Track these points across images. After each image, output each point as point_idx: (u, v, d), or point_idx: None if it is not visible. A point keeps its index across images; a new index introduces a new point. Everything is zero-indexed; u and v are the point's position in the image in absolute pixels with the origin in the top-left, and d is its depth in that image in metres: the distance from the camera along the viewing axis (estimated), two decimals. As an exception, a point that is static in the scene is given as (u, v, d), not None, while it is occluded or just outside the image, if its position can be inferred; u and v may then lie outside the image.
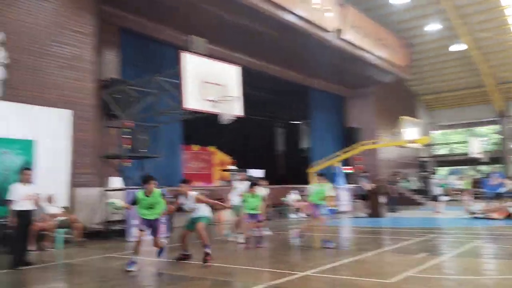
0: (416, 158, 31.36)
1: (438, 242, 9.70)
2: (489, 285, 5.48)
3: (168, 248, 10.06)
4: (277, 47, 18.04)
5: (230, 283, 5.79)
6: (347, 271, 6.66)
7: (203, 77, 11.54)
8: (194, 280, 6.08)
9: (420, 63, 27.60)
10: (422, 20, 24.11)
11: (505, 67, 27.87)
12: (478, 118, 33.57)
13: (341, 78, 23.96)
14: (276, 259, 7.77)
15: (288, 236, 11.89)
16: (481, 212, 15.02)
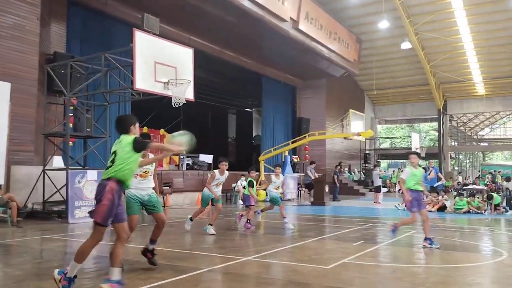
0: (360, 150, 32.50)
1: (375, 231, 10.18)
2: (419, 272, 5.84)
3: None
4: (233, 33, 17.95)
5: (173, 267, 5.81)
6: (288, 256, 6.87)
7: (155, 58, 11.31)
8: (136, 264, 6.04)
9: (368, 59, 28.44)
10: (373, 17, 24.80)
11: (446, 68, 29.34)
12: (420, 115, 35.22)
13: (294, 68, 24.26)
14: (221, 244, 7.87)
15: (235, 222, 12.04)
16: (416, 204, 15.87)
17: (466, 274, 5.72)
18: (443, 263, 6.54)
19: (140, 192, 5.81)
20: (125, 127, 4.65)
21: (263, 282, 5.11)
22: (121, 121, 4.79)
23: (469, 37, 26.19)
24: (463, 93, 32.28)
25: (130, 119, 4.76)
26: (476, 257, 7.01)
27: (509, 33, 24.06)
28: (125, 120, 4.76)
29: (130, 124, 4.66)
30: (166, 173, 16.97)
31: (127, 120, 4.72)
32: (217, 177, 9.04)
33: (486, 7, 23.68)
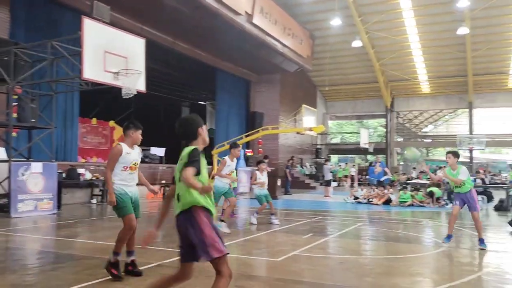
0: (312, 145, 33.12)
1: (324, 223, 10.43)
2: (366, 263, 6.05)
3: (58, 225, 9.59)
4: (187, 25, 17.69)
5: (121, 262, 5.69)
6: (239, 250, 6.91)
7: (105, 47, 10.97)
8: (82, 259, 5.88)
9: (321, 55, 28.94)
10: (326, 14, 25.23)
11: (394, 66, 30.39)
12: (369, 111, 36.32)
13: (248, 62, 24.28)
14: (173, 239, 7.79)
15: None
16: (363, 197, 16.45)
17: (409, 264, 5.99)
18: (388, 254, 6.81)
19: (130, 189, 5.13)
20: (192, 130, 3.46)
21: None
22: (187, 123, 3.52)
23: (416, 37, 27.25)
24: (410, 91, 33.60)
25: (198, 120, 3.53)
26: (418, 248, 7.35)
27: (453, 35, 25.23)
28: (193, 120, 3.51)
29: (198, 126, 3.48)
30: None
31: (196, 121, 3.51)
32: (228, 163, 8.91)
33: (433, 9, 24.70)
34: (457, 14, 24.17)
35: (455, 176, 7.29)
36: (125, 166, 5.07)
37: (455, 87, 31.60)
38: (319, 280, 4.99)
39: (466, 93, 31.54)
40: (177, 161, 3.37)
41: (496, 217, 12.32)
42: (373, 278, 5.12)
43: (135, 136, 5.18)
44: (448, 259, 6.34)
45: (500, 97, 31.78)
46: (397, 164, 36.65)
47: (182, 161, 3.24)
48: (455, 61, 28.90)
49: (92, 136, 21.34)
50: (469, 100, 31.80)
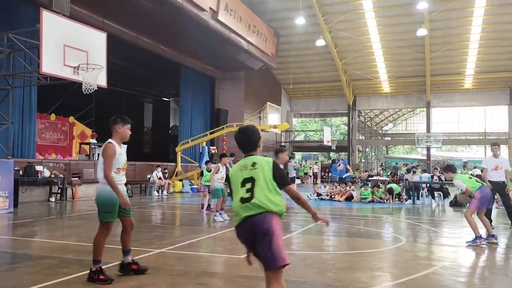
0: (276, 142, 33.36)
1: (288, 220, 10.53)
2: (328, 259, 6.16)
3: (15, 224, 9.25)
4: (151, 20, 17.41)
5: (81, 262, 5.56)
6: (203, 247, 6.89)
7: (65, 41, 10.66)
8: (40, 259, 5.70)
9: (286, 53, 29.19)
10: (291, 13, 25.44)
11: (356, 66, 31.04)
12: (332, 109, 36.96)
13: (213, 59, 24.17)
14: (134, 237, 7.64)
15: (150, 214, 11.79)
16: (326, 194, 16.73)
17: (369, 259, 6.15)
18: (349, 249, 6.97)
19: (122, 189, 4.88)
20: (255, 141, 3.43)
21: (176, 273, 5.08)
22: (250, 133, 3.45)
23: (377, 38, 27.92)
24: (371, 90, 34.41)
25: (256, 130, 3.50)
26: (378, 243, 7.55)
27: (413, 36, 26.02)
28: (254, 132, 3.46)
29: (259, 137, 3.46)
30: (75, 163, 16.11)
31: (255, 132, 3.47)
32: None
33: (394, 10, 25.38)
34: (417, 16, 24.94)
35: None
36: (118, 167, 4.78)
37: (414, 87, 32.62)
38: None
39: (424, 93, 32.62)
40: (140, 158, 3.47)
41: (452, 213, 12.81)
42: (335, 273, 5.22)
43: (123, 131, 4.84)
44: (406, 254, 6.55)
45: (456, 97, 33.07)
46: (358, 161, 37.47)
47: (259, 169, 3.27)
48: (414, 61, 29.81)
49: (50, 132, 20.66)
50: (427, 100, 32.90)
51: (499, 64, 29.49)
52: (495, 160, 9.16)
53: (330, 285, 4.68)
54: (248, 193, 3.23)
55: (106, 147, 4.68)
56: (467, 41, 27.37)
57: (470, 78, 31.25)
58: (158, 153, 26.23)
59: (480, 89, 32.06)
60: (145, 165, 19.54)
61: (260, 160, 3.31)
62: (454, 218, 11.63)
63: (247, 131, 3.46)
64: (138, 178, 18.61)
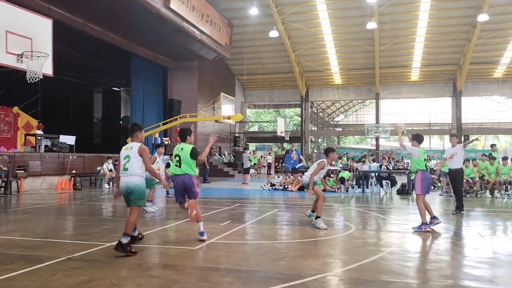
0: (230, 133, 33.35)
1: (242, 210, 10.61)
2: (281, 248, 6.26)
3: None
4: (99, 6, 16.83)
5: (26, 258, 5.34)
6: (156, 239, 6.81)
7: (7, 27, 10.12)
8: (-17, 255, 5.43)
9: (239, 44, 29.13)
10: (245, 3, 25.37)
11: (309, 58, 31.49)
12: (285, 100, 37.33)
13: (165, 48, 23.72)
14: (84, 230, 7.46)
15: (100, 207, 11.49)
16: (280, 184, 16.95)
17: (320, 247, 6.31)
18: (302, 238, 7.11)
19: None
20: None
21: (127, 267, 5.00)
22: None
23: (329, 30, 28.41)
24: (323, 82, 35.05)
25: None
26: (329, 231, 7.75)
27: (363, 29, 26.68)
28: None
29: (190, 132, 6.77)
30: (21, 155, 15.39)
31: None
32: (326, 168, 8.25)
33: (344, 3, 25.89)
34: (367, 9, 25.57)
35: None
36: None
37: (364, 79, 33.54)
38: (235, 266, 5.08)
39: (373, 85, 33.62)
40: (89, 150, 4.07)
41: (399, 200, 13.36)
42: (287, 261, 5.32)
43: (141, 136, 6.09)
44: (356, 241, 6.77)
45: (404, 88, 34.32)
46: (311, 151, 38.18)
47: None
48: (364, 54, 30.61)
49: (-7, 123, 19.61)
50: (376, 91, 33.94)
51: (443, 58, 30.86)
52: (452, 149, 10.12)
53: (283, 273, 4.77)
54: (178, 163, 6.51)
55: (144, 148, 5.87)
56: (413, 34, 28.42)
57: (417, 70, 32.53)
58: (108, 144, 25.52)
59: (425, 82, 33.45)
60: (95, 156, 18.96)
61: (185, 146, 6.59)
62: (401, 205, 12.13)
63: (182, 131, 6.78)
64: (87, 170, 18.06)
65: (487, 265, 5.27)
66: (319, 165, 8.02)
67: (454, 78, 32.57)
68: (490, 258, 5.65)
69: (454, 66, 31.58)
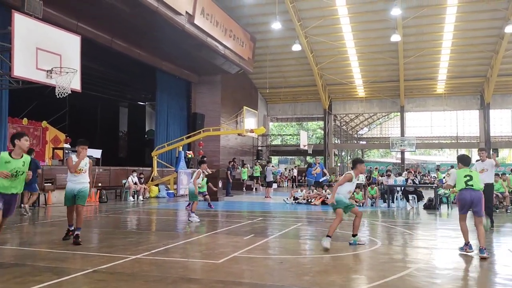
0: (253, 146, 33.40)
1: (265, 224, 10.55)
2: (305, 262, 6.19)
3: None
4: (126, 23, 17.24)
5: (53, 269, 5.42)
6: (180, 253, 6.82)
7: (38, 44, 10.45)
8: (12, 267, 5.54)
9: (262, 58, 29.31)
10: (267, 18, 25.59)
11: (332, 71, 31.42)
12: (308, 114, 37.23)
13: (189, 63, 24.07)
14: (109, 243, 7.54)
15: (125, 219, 11.61)
16: (303, 198, 16.82)
17: (345, 262, 6.20)
18: (326, 252, 7.01)
19: (75, 186, 7.65)
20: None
21: (151, 280, 5.02)
22: None
23: (352, 43, 28.32)
24: (346, 95, 34.85)
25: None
26: (354, 246, 7.62)
27: (387, 41, 26.50)
28: None
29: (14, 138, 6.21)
30: (48, 169, 15.75)
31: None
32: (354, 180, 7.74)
33: (368, 16, 25.81)
34: (391, 22, 25.43)
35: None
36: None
37: (388, 91, 33.20)
38: (259, 281, 5.04)
39: (398, 98, 33.22)
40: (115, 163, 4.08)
41: (426, 215, 13.06)
42: (311, 277, 5.25)
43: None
44: (382, 256, 6.63)
45: (429, 101, 33.79)
46: (334, 165, 37.84)
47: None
48: (388, 66, 30.35)
49: (22, 137, 20.15)
50: (401, 104, 33.51)
51: (470, 70, 30.32)
52: (481, 164, 9.63)
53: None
54: None
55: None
56: (439, 47, 28.05)
57: (442, 83, 32.01)
58: (133, 157, 25.90)
59: (451, 94, 32.87)
60: (121, 170, 19.25)
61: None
62: (428, 220, 11.86)
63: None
64: (113, 184, 18.32)
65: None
66: (345, 177, 7.68)
67: (482, 90, 31.91)
68: (522, 276, 5.44)
69: (481, 78, 30.97)
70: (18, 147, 6.05)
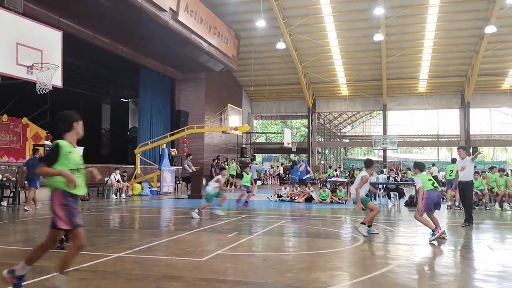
0: (237, 144, 33.38)
1: (249, 222, 10.57)
2: (288, 260, 6.23)
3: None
4: (109, 19, 17.03)
5: (33, 268, 5.34)
6: (163, 251, 6.80)
7: (18, 39, 10.27)
8: (-9, 265, 5.44)
9: (247, 55, 29.30)
10: (252, 15, 25.56)
11: (316, 69, 31.57)
12: (292, 111, 37.36)
13: (173, 60, 23.91)
14: (91, 241, 7.46)
15: (107, 217, 11.51)
16: (287, 195, 16.89)
17: (328, 259, 6.26)
18: (309, 249, 7.07)
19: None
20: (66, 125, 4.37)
21: (134, 278, 4.99)
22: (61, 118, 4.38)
23: (336, 42, 28.49)
24: (330, 93, 35.06)
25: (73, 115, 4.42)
26: (337, 243, 7.70)
27: (370, 40, 26.73)
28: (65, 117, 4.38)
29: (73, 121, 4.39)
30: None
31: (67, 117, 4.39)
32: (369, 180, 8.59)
33: (352, 15, 25.99)
34: (374, 21, 25.65)
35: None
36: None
37: (371, 90, 33.51)
38: (243, 278, 5.06)
39: (381, 96, 33.57)
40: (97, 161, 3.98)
41: (407, 212, 13.25)
42: (295, 274, 5.29)
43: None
44: (364, 253, 6.71)
45: (411, 100, 34.22)
46: (318, 163, 38.06)
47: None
48: (371, 65, 30.63)
49: (2, 134, 19.74)
50: (383, 103, 33.87)
51: (451, 69, 30.79)
52: (461, 162, 10.13)
53: (290, 286, 4.74)
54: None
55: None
56: (421, 46, 28.41)
57: (424, 82, 32.45)
58: (116, 155, 25.62)
59: (433, 93, 33.34)
60: (103, 167, 19.03)
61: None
62: (409, 217, 12.03)
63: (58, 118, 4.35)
64: (95, 181, 18.11)
65: (497, 279, 5.20)
66: (362, 179, 8.18)
67: (462, 89, 32.44)
68: (499, 272, 5.57)
69: (462, 78, 31.48)
70: (75, 133, 4.45)
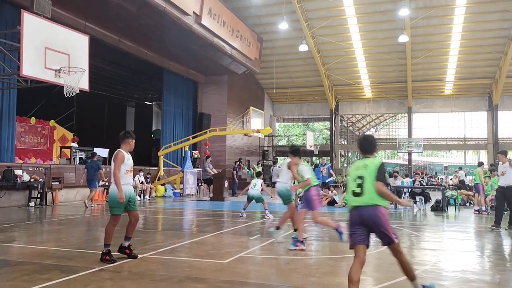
0: (259, 147, 33.38)
1: (271, 225, 10.53)
2: (311, 263, 6.18)
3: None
4: (133, 23, 17.30)
5: (61, 268, 5.45)
6: (185, 252, 6.84)
7: (46, 43, 10.51)
8: (19, 265, 5.57)
9: (269, 58, 29.28)
10: (274, 18, 25.56)
11: (339, 71, 31.31)
12: (314, 114, 37.14)
13: (196, 63, 24.09)
14: (116, 242, 7.56)
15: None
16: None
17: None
18: (332, 254, 7.00)
19: (129, 188, 6.11)
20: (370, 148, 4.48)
21: (158, 279, 5.03)
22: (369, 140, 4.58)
23: (359, 44, 28.20)
24: (353, 96, 34.72)
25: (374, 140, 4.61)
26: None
27: (394, 42, 26.37)
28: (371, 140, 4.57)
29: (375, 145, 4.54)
30: (56, 167, 15.83)
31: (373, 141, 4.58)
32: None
33: (376, 17, 25.70)
34: (398, 22, 25.30)
35: None
36: (127, 169, 6.12)
37: (396, 92, 33.03)
38: (265, 281, 5.03)
39: (405, 98, 33.04)
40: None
41: (433, 217, 12.99)
42: (318, 278, 5.24)
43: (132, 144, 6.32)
44: (389, 258, 6.59)
45: (437, 102, 33.57)
46: (340, 166, 37.72)
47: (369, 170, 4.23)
48: (395, 67, 30.19)
49: (30, 136, 20.31)
50: (408, 105, 33.33)
51: (478, 71, 30.10)
52: (501, 167, 9.88)
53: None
54: (358, 188, 4.21)
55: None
56: (447, 47, 27.87)
57: (450, 84, 31.80)
58: (140, 157, 25.92)
59: (460, 95, 32.64)
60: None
61: (370, 162, 4.27)
62: (435, 222, 11.79)
63: (369, 138, 4.59)
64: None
65: (529, 287, 5.03)
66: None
67: (490, 91, 31.66)
68: (531, 279, 5.39)
69: (489, 80, 30.73)
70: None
